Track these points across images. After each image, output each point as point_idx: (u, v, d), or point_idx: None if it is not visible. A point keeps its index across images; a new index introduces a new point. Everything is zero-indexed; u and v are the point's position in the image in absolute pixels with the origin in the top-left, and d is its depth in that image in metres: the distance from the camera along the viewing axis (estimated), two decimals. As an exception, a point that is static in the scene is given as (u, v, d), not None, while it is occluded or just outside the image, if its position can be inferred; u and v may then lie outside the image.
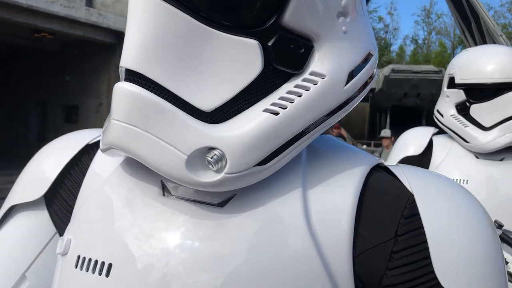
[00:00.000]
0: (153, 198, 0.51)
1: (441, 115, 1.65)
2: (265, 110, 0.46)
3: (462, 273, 0.48)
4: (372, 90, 18.77)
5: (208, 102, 0.45)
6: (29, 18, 10.49)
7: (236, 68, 0.46)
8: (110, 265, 0.48)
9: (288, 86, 0.48)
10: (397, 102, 17.55)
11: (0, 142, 16.58)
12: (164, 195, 0.51)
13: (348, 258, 0.47)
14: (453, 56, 1.88)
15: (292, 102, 0.47)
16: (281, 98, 0.47)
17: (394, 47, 43.63)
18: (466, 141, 1.54)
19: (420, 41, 39.96)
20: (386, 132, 7.39)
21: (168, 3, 0.44)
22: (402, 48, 40.39)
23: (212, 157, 0.45)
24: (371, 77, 0.54)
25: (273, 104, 0.47)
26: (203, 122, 0.45)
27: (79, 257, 0.50)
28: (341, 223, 0.48)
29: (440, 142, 1.63)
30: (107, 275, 0.48)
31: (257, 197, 0.49)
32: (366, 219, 0.49)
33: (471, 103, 1.55)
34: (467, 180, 1.51)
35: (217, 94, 0.45)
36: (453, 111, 1.60)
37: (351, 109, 0.53)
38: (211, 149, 0.45)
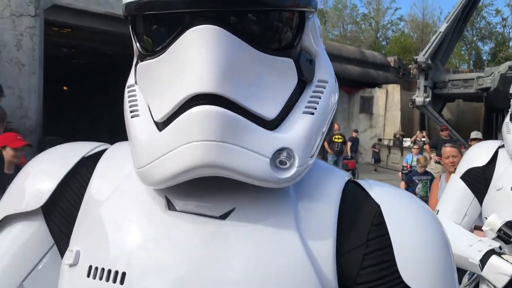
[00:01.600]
0: (159, 211, 0.57)
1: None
2: (304, 112, 0.57)
3: (422, 271, 0.57)
4: (486, 89, 17.47)
5: (270, 112, 0.55)
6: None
7: (282, 82, 0.56)
8: (123, 274, 0.54)
9: (308, 92, 0.60)
10: (516, 101, 16.10)
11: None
12: (169, 209, 0.57)
13: (333, 261, 0.56)
14: None
15: (317, 104, 0.59)
16: (310, 101, 0.59)
17: (513, 42, 40.09)
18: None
19: (544, 34, 36.26)
20: (477, 134, 6.90)
21: (231, 33, 0.51)
22: (523, 43, 36.93)
23: (285, 156, 0.54)
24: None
25: (307, 107, 0.58)
26: (267, 130, 0.54)
27: (90, 267, 0.55)
28: (327, 232, 0.57)
29: (504, 154, 1.67)
30: (122, 282, 0.53)
31: (255, 210, 0.56)
32: (345, 227, 0.58)
33: None
34: None
35: (274, 105, 0.55)
36: (508, 118, 1.68)
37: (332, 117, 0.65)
38: (280, 150, 0.53)
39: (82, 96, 20.61)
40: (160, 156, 0.53)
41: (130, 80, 0.64)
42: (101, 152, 0.69)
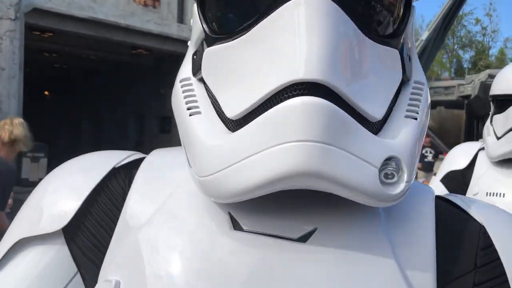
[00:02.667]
0: (222, 233, 0.46)
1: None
2: (407, 116, 0.47)
3: None
4: (467, 96, 17.74)
5: (377, 111, 0.44)
6: (127, 36, 11.25)
7: (389, 76, 0.47)
8: None
9: (405, 93, 0.50)
10: (496, 109, 16.40)
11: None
12: (234, 229, 0.47)
13: None
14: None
15: (418, 107, 0.49)
16: (410, 104, 0.48)
17: (494, 51, 40.94)
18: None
19: (523, 43, 37.05)
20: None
21: (343, 10, 0.42)
22: (503, 52, 37.69)
23: (393, 167, 0.43)
24: None
25: (409, 110, 0.48)
26: (372, 133, 0.44)
27: None
28: (426, 259, 0.47)
29: (483, 156, 1.67)
30: None
31: (343, 232, 0.46)
32: (445, 253, 0.49)
33: (494, 114, 1.65)
34: (504, 194, 1.54)
35: (381, 104, 0.45)
36: (488, 121, 1.70)
37: None
38: (388, 159, 0.43)
39: (63, 101, 20.36)
40: (238, 161, 0.41)
41: (184, 72, 0.53)
42: (136, 163, 0.57)
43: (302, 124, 0.39)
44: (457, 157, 1.74)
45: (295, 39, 0.40)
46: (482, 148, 1.71)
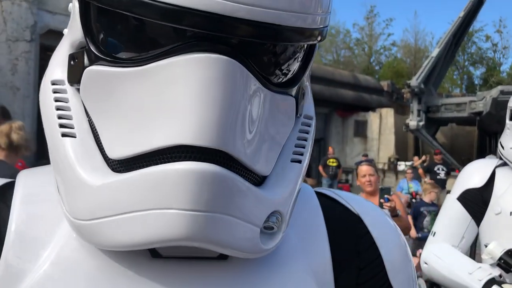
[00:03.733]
0: (142, 262, 0.45)
1: (503, 147, 1.65)
2: (293, 160, 0.48)
3: (401, 276, 0.58)
4: (479, 113, 17.62)
5: (267, 166, 0.44)
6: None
7: (284, 124, 0.46)
8: None
9: (295, 132, 0.50)
10: (509, 125, 16.24)
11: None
12: (153, 257, 0.45)
13: (332, 280, 0.53)
14: None
15: (304, 147, 0.50)
16: (297, 145, 0.49)
17: (505, 67, 40.72)
18: None
19: (534, 59, 36.82)
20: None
21: (244, 66, 0.39)
22: (514, 68, 37.50)
23: (274, 221, 0.44)
24: None
25: (295, 153, 0.48)
26: (258, 188, 0.43)
27: None
28: (324, 256, 0.53)
29: (502, 174, 1.63)
30: None
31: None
32: (334, 243, 0.54)
33: None
34: None
35: (272, 157, 0.45)
36: (510, 136, 1.62)
37: None
38: (273, 213, 0.44)
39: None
40: (119, 214, 0.39)
41: (57, 72, 0.47)
42: (3, 190, 0.50)
43: (188, 193, 0.37)
44: (473, 175, 1.69)
45: (191, 98, 0.37)
46: (499, 165, 1.67)
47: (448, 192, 1.88)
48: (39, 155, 10.06)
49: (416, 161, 12.42)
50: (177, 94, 0.37)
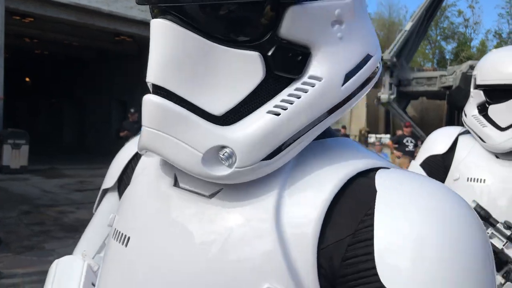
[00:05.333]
0: (166, 187, 0.61)
1: (465, 115, 1.68)
2: (269, 112, 0.53)
3: (404, 276, 0.46)
4: (449, 87, 17.96)
5: (219, 107, 0.53)
6: (110, 23, 11.10)
7: (241, 77, 0.53)
8: (128, 238, 0.60)
9: (289, 89, 0.54)
10: (477, 100, 16.60)
11: (86, 138, 17.66)
12: (175, 185, 0.60)
13: (313, 252, 0.50)
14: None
15: (292, 104, 0.53)
16: (283, 101, 0.53)
17: (475, 42, 41.40)
18: (483, 141, 1.58)
19: (504, 36, 37.56)
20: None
21: (181, 26, 0.52)
22: (484, 43, 38.16)
23: (223, 154, 0.52)
24: (372, 74, 0.60)
25: (276, 106, 0.53)
26: (215, 125, 0.53)
27: (115, 229, 0.64)
28: (310, 222, 0.51)
29: (464, 141, 1.67)
30: (126, 245, 0.60)
31: (239, 193, 0.55)
32: (335, 218, 0.52)
33: (489, 104, 1.59)
34: (484, 180, 1.56)
35: (226, 101, 0.53)
36: (475, 111, 1.64)
37: (353, 105, 0.59)
38: (223, 147, 0.52)
39: (45, 87, 20.03)
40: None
41: None
42: None
43: (147, 114, 0.54)
44: (437, 142, 1.72)
45: (151, 50, 0.53)
46: (463, 133, 1.69)
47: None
48: (8, 123, 9.75)
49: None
50: (151, 45, 0.54)
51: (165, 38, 0.52)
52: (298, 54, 0.54)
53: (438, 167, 1.67)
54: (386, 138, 14.39)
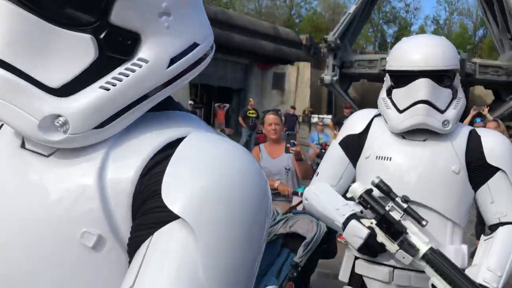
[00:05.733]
0: (13, 148, 0.67)
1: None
2: (100, 87, 0.61)
3: (185, 198, 0.55)
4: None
5: (55, 81, 0.60)
6: None
7: (75, 55, 0.60)
8: None
9: (120, 69, 0.62)
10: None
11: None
12: (21, 146, 0.66)
13: (128, 203, 0.59)
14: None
15: (121, 81, 0.62)
16: (114, 78, 0.62)
17: (415, 27, 42.78)
18: (386, 122, 1.74)
19: (441, 22, 39.21)
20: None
21: (16, 4, 0.57)
22: (423, 29, 39.69)
23: (58, 122, 0.60)
24: (199, 60, 0.68)
25: (107, 82, 0.61)
26: (52, 96, 0.60)
27: None
28: (128, 178, 0.60)
29: (378, 123, 1.81)
30: None
31: (72, 154, 0.63)
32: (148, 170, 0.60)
33: (393, 88, 1.74)
34: (390, 158, 1.72)
35: (61, 76, 0.60)
36: (384, 94, 1.79)
37: (180, 85, 0.67)
38: (59, 116, 0.60)
39: None
40: None
41: None
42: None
43: None
44: (354, 122, 1.87)
45: None
46: (378, 115, 1.82)
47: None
48: None
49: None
50: None
51: (3, 17, 0.57)
52: (128, 39, 0.62)
53: (354, 146, 1.82)
54: (328, 118, 14.74)
